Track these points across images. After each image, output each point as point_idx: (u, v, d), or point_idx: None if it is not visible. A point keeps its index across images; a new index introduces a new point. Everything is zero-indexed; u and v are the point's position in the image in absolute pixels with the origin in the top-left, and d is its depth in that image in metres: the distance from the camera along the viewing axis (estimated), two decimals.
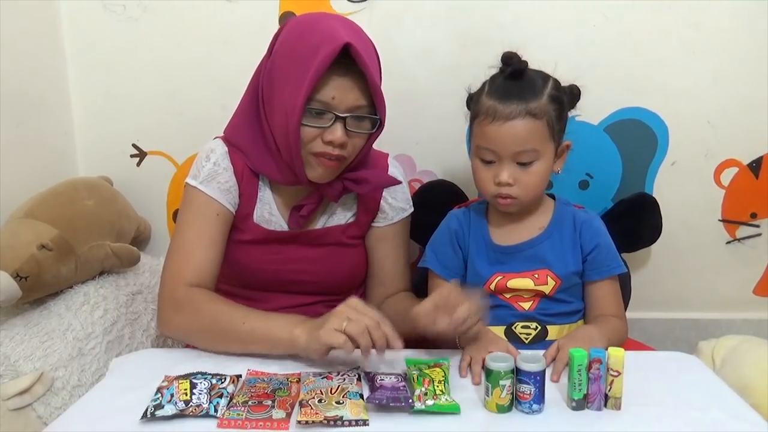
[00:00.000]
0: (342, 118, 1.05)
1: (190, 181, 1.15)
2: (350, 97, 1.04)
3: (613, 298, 1.20)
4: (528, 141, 1.10)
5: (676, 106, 1.56)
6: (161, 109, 1.62)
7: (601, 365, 0.88)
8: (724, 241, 1.65)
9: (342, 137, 1.05)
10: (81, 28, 1.59)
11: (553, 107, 1.11)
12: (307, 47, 1.02)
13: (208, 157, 1.15)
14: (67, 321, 1.26)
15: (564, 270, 1.18)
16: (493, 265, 1.21)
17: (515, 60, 1.13)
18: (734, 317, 1.66)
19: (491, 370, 0.87)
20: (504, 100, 1.10)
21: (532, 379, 0.87)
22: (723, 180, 1.60)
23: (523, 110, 1.08)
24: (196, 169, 1.15)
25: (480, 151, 1.14)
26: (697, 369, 1.06)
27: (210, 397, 0.89)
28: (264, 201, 1.18)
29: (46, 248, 1.25)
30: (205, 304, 1.07)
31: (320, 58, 0.99)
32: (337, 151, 1.07)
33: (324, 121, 1.05)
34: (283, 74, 1.06)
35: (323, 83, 1.02)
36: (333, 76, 1.02)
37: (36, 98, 1.52)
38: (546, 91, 1.12)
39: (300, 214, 1.16)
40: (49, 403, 1.17)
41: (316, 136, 1.06)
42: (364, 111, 1.08)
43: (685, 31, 1.52)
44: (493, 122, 1.10)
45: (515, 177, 1.12)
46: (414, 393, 0.89)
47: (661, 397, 0.93)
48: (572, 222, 1.21)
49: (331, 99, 1.03)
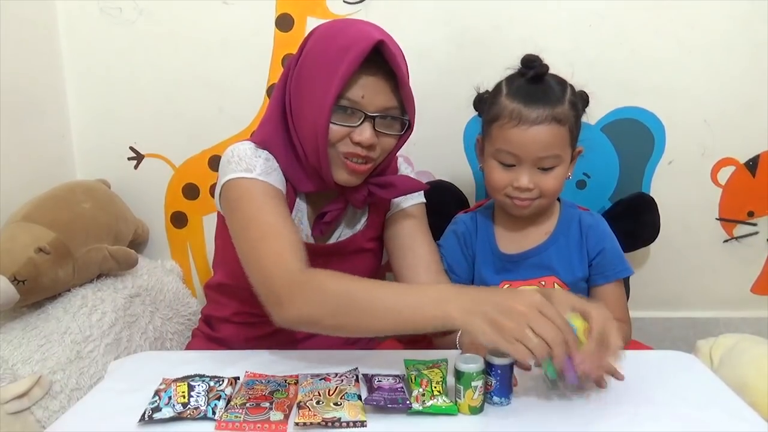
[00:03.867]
0: (371, 117, 1.03)
1: (245, 175, 1.04)
2: (380, 98, 1.03)
3: (618, 301, 1.20)
4: (552, 146, 1.09)
5: (672, 105, 1.56)
6: (158, 111, 1.62)
7: None
8: (722, 240, 1.65)
9: (371, 138, 1.03)
10: (78, 32, 1.59)
11: (573, 113, 1.11)
12: (338, 47, 1.01)
13: (257, 153, 1.08)
14: (65, 324, 1.26)
15: (571, 276, 1.18)
16: (500, 272, 1.21)
17: (537, 63, 1.12)
18: (732, 316, 1.66)
19: (462, 372, 0.87)
20: (529, 104, 1.08)
21: (494, 371, 0.87)
22: (720, 179, 1.60)
23: (549, 115, 1.08)
24: (245, 164, 1.05)
25: (500, 154, 1.13)
26: (696, 368, 1.05)
27: (208, 399, 0.89)
28: (299, 207, 1.15)
29: (43, 252, 1.24)
30: (333, 282, 0.93)
31: (352, 55, 0.98)
32: (365, 152, 1.04)
33: (353, 121, 1.03)
34: (313, 76, 1.04)
35: (353, 82, 1.00)
36: (363, 75, 1.01)
37: (33, 101, 1.52)
38: (566, 96, 1.11)
39: (324, 221, 1.12)
40: (47, 407, 1.16)
41: (344, 136, 1.03)
42: (394, 112, 1.06)
43: (682, 30, 1.52)
44: (518, 126, 1.09)
45: (535, 181, 1.11)
46: (412, 394, 0.89)
47: (659, 396, 0.93)
48: (578, 226, 1.20)
49: (361, 98, 1.01)
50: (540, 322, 0.80)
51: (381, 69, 1.01)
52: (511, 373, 0.89)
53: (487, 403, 0.89)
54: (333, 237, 1.19)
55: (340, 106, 1.02)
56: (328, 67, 1.01)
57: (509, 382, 0.89)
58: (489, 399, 0.89)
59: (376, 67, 1.01)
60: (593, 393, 0.94)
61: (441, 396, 0.89)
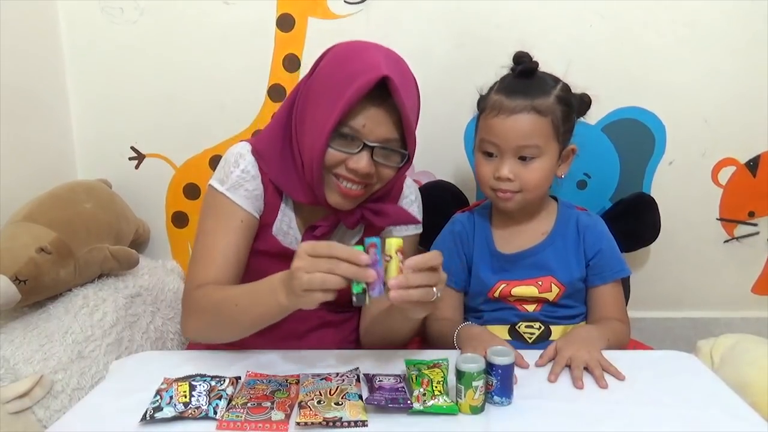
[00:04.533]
0: (370, 147, 1.03)
1: (215, 185, 1.11)
2: (381, 129, 1.03)
3: (616, 301, 1.20)
4: (531, 136, 1.10)
5: (673, 105, 1.56)
6: (159, 111, 1.62)
7: (376, 249, 0.85)
8: (722, 240, 1.65)
9: (366, 167, 1.03)
10: (79, 31, 1.59)
11: (560, 108, 1.12)
12: (346, 73, 1.02)
13: (237, 162, 1.11)
14: (67, 324, 1.25)
15: (568, 277, 1.18)
16: (497, 272, 1.21)
17: (526, 59, 1.15)
18: (733, 316, 1.66)
19: (463, 371, 0.87)
20: (510, 95, 1.11)
21: (495, 371, 0.88)
22: (720, 179, 1.60)
23: (529, 105, 1.10)
24: (223, 173, 1.12)
25: (483, 144, 1.15)
26: (696, 368, 1.05)
27: (209, 399, 0.90)
28: (285, 213, 1.16)
29: (45, 251, 1.24)
30: (206, 299, 1.05)
31: (356, 85, 0.98)
32: (359, 178, 1.05)
33: (352, 148, 1.03)
34: (319, 96, 1.05)
35: (357, 111, 1.01)
36: (368, 106, 1.01)
37: (34, 101, 1.52)
38: (554, 91, 1.13)
39: (314, 234, 1.13)
40: (48, 407, 1.16)
41: (341, 161, 1.04)
42: (394, 144, 1.06)
43: (682, 29, 1.52)
44: (498, 115, 1.11)
45: (515, 172, 1.12)
46: (413, 394, 0.89)
47: (659, 397, 0.93)
48: (575, 227, 1.21)
49: (362, 127, 1.02)
50: (312, 263, 0.84)
51: (387, 101, 1.01)
52: (512, 373, 0.90)
53: (488, 402, 0.90)
54: None
55: (340, 133, 1.02)
56: (334, 91, 1.01)
57: (510, 381, 0.90)
58: (490, 399, 0.90)
59: (382, 100, 1.01)
60: (594, 393, 0.94)
61: (442, 396, 0.89)
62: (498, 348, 0.92)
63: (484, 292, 1.21)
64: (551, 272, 1.18)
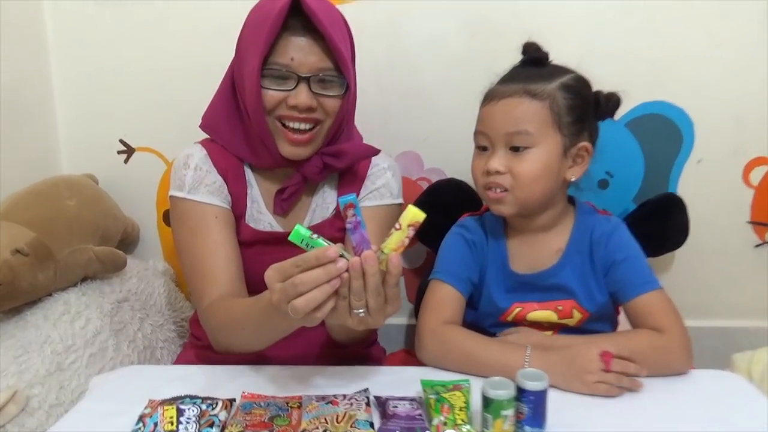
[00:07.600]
0: (305, 79, 1.03)
1: (175, 194, 1.12)
2: (312, 59, 1.03)
3: (662, 310, 1.04)
4: (521, 121, 1.00)
5: (702, 100, 1.49)
6: (150, 102, 1.57)
7: (355, 209, 0.78)
8: (753, 245, 1.58)
9: (306, 99, 1.03)
10: (65, 17, 1.54)
11: (564, 95, 1.02)
12: (262, 12, 1.05)
13: (187, 164, 1.13)
14: (45, 333, 1.19)
15: (591, 301, 1.07)
16: (511, 293, 1.10)
17: (533, 49, 1.08)
18: (764, 326, 1.58)
19: (491, 399, 0.78)
20: (504, 82, 1.05)
21: (526, 397, 0.79)
22: (752, 179, 1.54)
23: (521, 89, 1.02)
24: (177, 179, 1.12)
25: (475, 137, 1.08)
26: (745, 391, 0.96)
27: (199, 426, 0.80)
28: (253, 199, 1.16)
29: (21, 253, 1.19)
30: (221, 311, 1.03)
31: (271, 18, 1.00)
32: (304, 114, 1.05)
33: (288, 85, 1.04)
34: (245, 44, 1.08)
35: (281, 45, 1.02)
36: (290, 37, 1.02)
37: (17, 91, 1.46)
38: (560, 78, 1.03)
39: (282, 198, 1.14)
40: (23, 425, 1.08)
41: (280, 101, 1.05)
42: (330, 73, 1.05)
43: (713, 21, 1.45)
44: (489, 102, 1.04)
45: (507, 165, 1.01)
46: (432, 422, 0.80)
47: (704, 424, 0.84)
48: (590, 238, 1.08)
49: (290, 60, 1.03)
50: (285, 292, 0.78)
51: (309, 29, 1.02)
52: (545, 399, 0.80)
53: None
54: (305, 222, 1.18)
55: (271, 72, 1.03)
56: (255, 33, 1.04)
57: (543, 409, 0.80)
58: (520, 428, 0.80)
59: (304, 29, 1.02)
60: (635, 420, 0.85)
61: (465, 425, 0.79)
62: (529, 371, 0.81)
63: (496, 314, 1.10)
64: (572, 296, 1.07)
